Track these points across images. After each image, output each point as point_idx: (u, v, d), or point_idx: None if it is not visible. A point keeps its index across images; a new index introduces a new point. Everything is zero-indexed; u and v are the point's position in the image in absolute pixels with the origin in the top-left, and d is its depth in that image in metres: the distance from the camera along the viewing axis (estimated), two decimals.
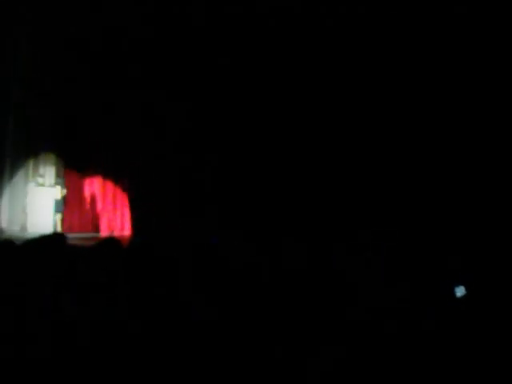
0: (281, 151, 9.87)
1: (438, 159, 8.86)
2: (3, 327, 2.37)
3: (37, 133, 10.03)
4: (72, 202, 10.69)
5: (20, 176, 10.06)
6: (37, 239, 2.90)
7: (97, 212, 10.84)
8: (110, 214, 10.84)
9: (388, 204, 8.92)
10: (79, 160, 10.57)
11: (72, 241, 8.20)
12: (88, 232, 10.41)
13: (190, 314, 2.58)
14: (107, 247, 2.86)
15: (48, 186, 10.37)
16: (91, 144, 10.44)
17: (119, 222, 10.86)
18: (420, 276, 3.48)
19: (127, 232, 10.71)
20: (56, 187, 10.37)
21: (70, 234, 9.77)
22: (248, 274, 3.13)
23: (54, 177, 10.51)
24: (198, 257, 3.29)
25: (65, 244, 3.01)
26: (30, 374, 2.23)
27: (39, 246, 2.84)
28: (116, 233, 10.48)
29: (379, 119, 9.28)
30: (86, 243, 7.95)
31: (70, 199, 10.66)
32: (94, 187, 10.86)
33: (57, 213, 10.35)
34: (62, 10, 9.52)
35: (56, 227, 10.09)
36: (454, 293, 3.05)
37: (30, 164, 10.21)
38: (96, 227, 10.76)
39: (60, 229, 10.22)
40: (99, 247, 2.87)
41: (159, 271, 2.87)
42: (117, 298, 2.61)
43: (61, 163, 10.52)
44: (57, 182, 10.47)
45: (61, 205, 10.41)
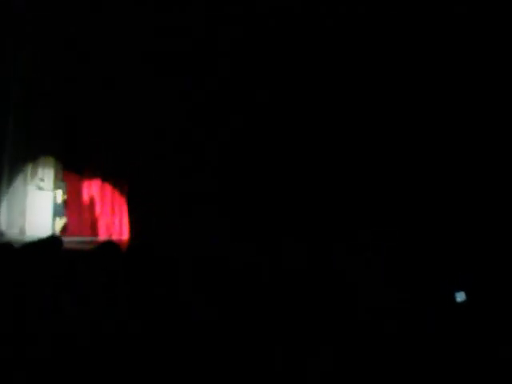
0: (281, 151, 9.87)
1: (438, 159, 8.86)
2: (3, 328, 2.38)
3: (37, 133, 10.01)
4: (71, 206, 10.67)
5: (19, 179, 10.02)
6: (35, 242, 2.95)
7: (95, 216, 10.81)
8: (109, 218, 10.82)
9: (388, 204, 8.91)
10: (79, 161, 10.55)
11: (71, 244, 8.23)
12: (86, 236, 10.39)
13: (190, 314, 2.58)
14: (106, 250, 2.88)
15: (48, 190, 10.34)
16: (91, 144, 10.43)
17: (117, 226, 10.83)
18: (420, 276, 3.48)
19: (125, 236, 10.68)
20: (57, 191, 10.37)
21: (69, 238, 9.79)
22: (248, 274, 3.13)
23: (55, 180, 10.49)
24: (198, 257, 3.29)
25: (61, 247, 3.05)
26: (31, 375, 2.24)
27: (37, 249, 2.88)
28: (114, 237, 10.46)
29: (379, 119, 9.27)
30: (85, 247, 7.97)
31: (69, 203, 10.64)
32: (93, 191, 10.83)
33: (59, 216, 10.35)
34: (62, 10, 9.51)
35: (55, 231, 10.07)
36: (454, 298, 3.05)
37: (30, 167, 10.18)
38: (94, 231, 10.73)
39: (63, 232, 10.25)
40: (98, 250, 2.89)
41: (159, 271, 2.87)
42: (117, 299, 2.61)
43: (60, 165, 10.48)
44: (58, 186, 10.46)
45: (62, 208, 10.41)
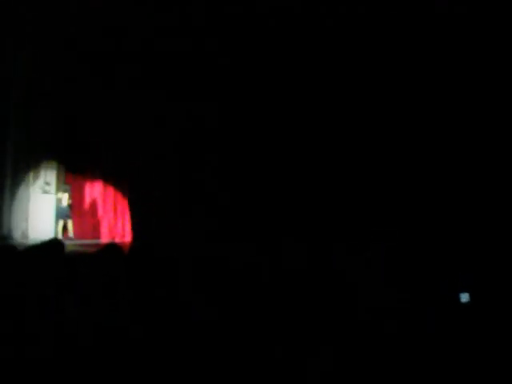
0: (281, 151, 9.87)
1: (438, 159, 8.86)
2: (5, 328, 2.38)
3: (37, 133, 10.00)
4: (75, 209, 10.69)
5: (21, 182, 10.01)
6: (37, 245, 2.97)
7: (98, 218, 10.81)
8: (111, 221, 10.81)
9: (388, 204, 8.92)
10: (80, 161, 10.54)
11: (73, 247, 8.23)
12: (90, 239, 10.40)
13: (191, 315, 2.58)
14: (109, 252, 2.89)
15: (52, 193, 10.34)
16: (91, 144, 10.42)
17: (120, 229, 10.82)
18: (420, 276, 3.48)
19: (128, 238, 10.68)
20: (64, 194, 10.37)
21: (72, 241, 9.80)
22: (248, 274, 3.13)
23: (58, 184, 10.49)
24: (198, 257, 3.29)
25: (63, 250, 3.07)
26: (31, 375, 2.24)
27: (39, 252, 2.89)
28: (117, 239, 10.46)
29: (379, 119, 9.28)
30: (88, 249, 7.97)
31: (74, 206, 10.65)
32: (95, 193, 10.82)
33: (66, 219, 10.35)
34: (62, 10, 9.51)
35: (58, 233, 10.07)
36: (459, 298, 3.06)
37: (35, 170, 10.17)
38: (97, 234, 10.72)
39: (67, 235, 10.27)
40: (101, 252, 2.90)
41: (159, 272, 2.88)
42: (118, 300, 2.61)
43: (62, 168, 10.48)
44: (65, 190, 10.46)
45: (68, 212, 10.42)
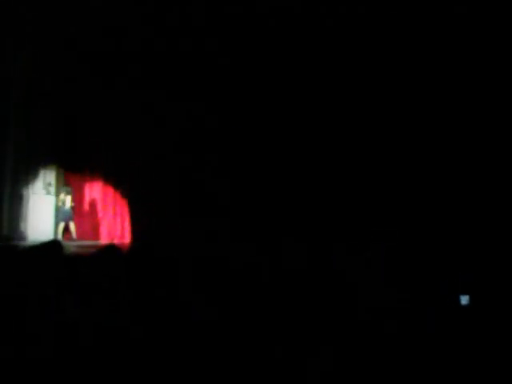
0: (281, 151, 9.87)
1: (438, 159, 8.86)
2: (6, 328, 2.38)
3: (37, 133, 9.98)
4: (77, 211, 10.66)
5: (21, 183, 9.99)
6: (36, 246, 2.97)
7: (97, 219, 10.77)
8: (111, 222, 10.77)
9: (387, 204, 8.92)
10: (79, 161, 10.51)
11: (73, 248, 8.22)
12: (88, 240, 10.37)
13: (191, 315, 2.58)
14: (108, 253, 2.89)
15: (52, 194, 10.31)
16: (91, 144, 10.40)
17: (119, 230, 10.78)
18: (420, 276, 3.48)
19: (127, 240, 10.65)
20: (67, 196, 10.36)
21: (71, 242, 9.78)
22: (248, 274, 3.13)
23: (58, 185, 10.47)
24: (198, 257, 3.29)
25: (62, 251, 3.07)
26: (32, 375, 2.24)
27: (39, 252, 2.89)
28: (116, 240, 10.43)
29: (379, 119, 9.28)
30: (87, 250, 7.96)
31: (75, 207, 10.63)
32: (95, 194, 10.79)
33: (68, 221, 10.34)
34: (62, 10, 9.51)
35: (58, 235, 10.05)
36: (459, 300, 3.06)
37: (35, 171, 10.15)
38: (96, 235, 10.68)
39: (75, 237, 10.25)
40: (100, 253, 2.90)
41: (159, 272, 2.88)
42: (118, 300, 2.61)
43: (62, 169, 10.45)
44: (67, 192, 10.44)
45: (71, 214, 10.41)
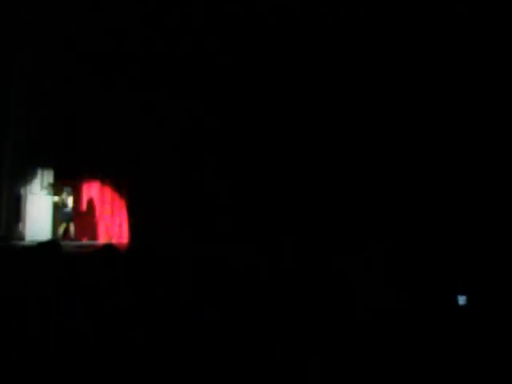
0: (281, 151, 9.87)
1: (438, 159, 8.86)
2: (6, 328, 2.38)
3: (37, 134, 9.96)
4: (76, 211, 10.63)
5: (19, 182, 9.97)
6: (34, 246, 2.97)
7: (95, 219, 10.72)
8: (108, 222, 10.73)
9: (388, 204, 8.92)
10: (79, 161, 10.47)
11: (71, 248, 8.20)
12: (85, 240, 10.34)
13: (191, 315, 2.58)
14: (108, 253, 2.89)
15: (48, 195, 10.27)
16: (91, 144, 10.37)
17: (117, 230, 10.74)
18: (420, 276, 3.48)
19: (125, 239, 10.62)
20: (68, 197, 10.34)
21: (69, 242, 9.76)
22: (248, 274, 3.13)
23: (58, 185, 10.44)
24: (198, 257, 3.29)
25: (60, 251, 3.07)
26: (32, 375, 2.24)
27: (37, 252, 2.90)
28: (114, 240, 10.41)
29: (379, 119, 9.28)
30: (86, 250, 7.95)
31: (74, 208, 10.60)
32: (92, 194, 10.74)
33: (69, 222, 10.34)
34: (62, 10, 9.51)
35: (57, 235, 10.03)
36: (456, 301, 3.06)
37: (34, 171, 10.12)
38: (94, 235, 10.64)
39: (73, 237, 10.23)
40: (100, 253, 2.90)
41: (159, 272, 2.88)
42: (118, 300, 2.61)
43: (60, 168, 10.39)
44: (68, 192, 10.40)
45: (72, 214, 10.40)
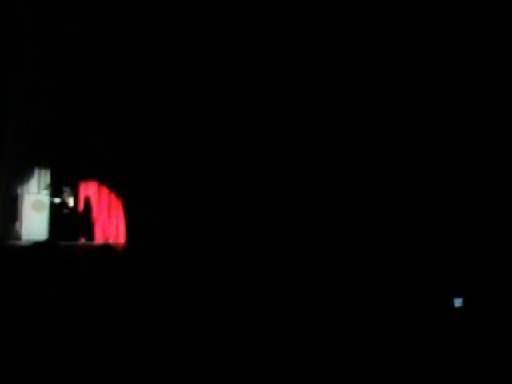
0: (281, 151, 9.88)
1: (438, 159, 8.87)
2: (6, 328, 2.39)
3: (37, 134, 9.95)
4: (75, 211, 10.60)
5: (17, 182, 9.95)
6: (31, 246, 2.97)
7: (91, 220, 10.67)
8: (105, 222, 10.67)
9: (388, 204, 8.92)
10: (79, 161, 10.43)
11: (68, 248, 8.18)
12: (82, 240, 10.30)
13: (191, 315, 2.58)
14: (107, 253, 2.89)
15: (45, 194, 10.21)
16: (91, 144, 10.35)
17: (114, 230, 10.68)
18: (420, 276, 3.48)
19: (121, 240, 10.56)
20: (69, 198, 10.31)
21: (66, 242, 9.71)
22: (248, 274, 3.13)
23: (58, 186, 10.39)
24: (198, 257, 3.29)
25: (58, 251, 3.07)
26: (32, 375, 2.24)
27: (34, 252, 2.90)
28: (111, 240, 10.37)
29: (379, 119, 9.28)
30: (84, 251, 7.92)
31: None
32: (89, 194, 10.68)
33: (69, 222, 10.30)
34: (62, 10, 9.51)
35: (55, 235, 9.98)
36: (453, 303, 3.06)
37: (32, 171, 10.09)
38: (90, 235, 10.58)
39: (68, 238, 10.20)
40: (99, 253, 2.91)
41: (159, 272, 2.88)
42: (118, 300, 2.62)
43: (58, 168, 10.35)
44: (69, 193, 10.37)
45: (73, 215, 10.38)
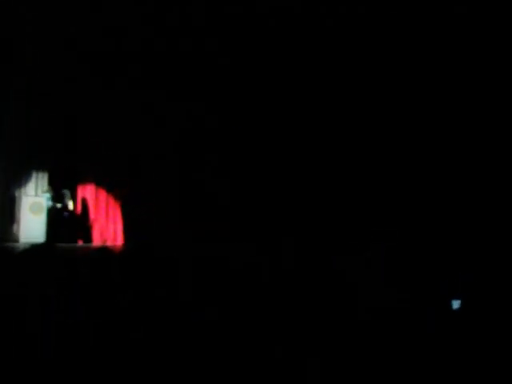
0: (281, 151, 9.88)
1: (438, 159, 8.87)
2: (6, 328, 2.39)
3: (36, 135, 9.94)
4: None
5: (15, 183, 9.93)
6: (29, 248, 2.98)
7: (89, 221, 10.64)
8: (103, 224, 10.63)
9: (388, 204, 8.92)
10: (79, 162, 10.42)
11: (66, 250, 8.15)
12: (80, 242, 10.29)
13: (191, 315, 2.58)
14: (106, 253, 2.90)
15: (42, 197, 10.17)
16: (91, 144, 10.33)
17: (112, 232, 10.66)
18: (420, 276, 3.48)
19: (119, 242, 10.54)
20: (69, 201, 10.28)
21: (64, 244, 9.69)
22: (248, 274, 3.13)
23: (58, 187, 10.37)
24: (198, 257, 3.30)
25: (55, 253, 3.08)
26: (32, 375, 2.24)
27: (32, 254, 2.90)
28: (109, 242, 10.35)
29: (379, 119, 9.28)
30: (82, 252, 7.91)
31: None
32: (87, 196, 10.65)
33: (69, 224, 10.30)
34: (62, 10, 9.51)
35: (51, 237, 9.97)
36: (451, 305, 3.06)
37: (30, 172, 10.07)
38: (88, 237, 10.56)
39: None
40: (98, 253, 2.91)
41: (159, 272, 2.88)
42: (118, 300, 2.62)
43: (57, 170, 10.32)
44: (69, 196, 10.33)
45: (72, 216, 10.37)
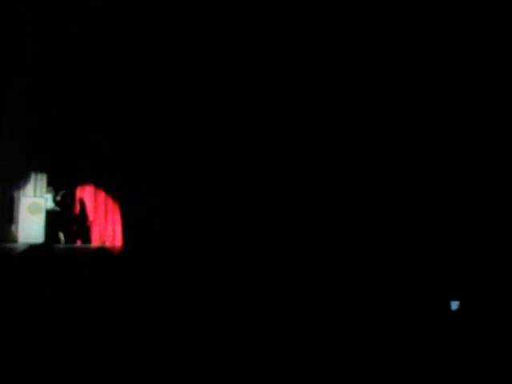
0: (281, 151, 9.88)
1: (438, 159, 8.87)
2: (6, 328, 2.39)
3: (36, 135, 9.93)
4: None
5: (15, 184, 9.93)
6: (28, 249, 2.99)
7: (88, 222, 10.64)
8: (102, 224, 10.63)
9: (387, 204, 8.93)
10: (79, 162, 10.40)
11: (65, 250, 8.14)
12: (79, 243, 10.28)
13: (191, 315, 2.58)
14: (106, 254, 2.90)
15: (41, 197, 10.15)
16: (91, 144, 10.32)
17: (111, 232, 10.65)
18: (420, 276, 3.48)
19: (118, 242, 10.54)
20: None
21: (62, 245, 9.69)
22: (248, 274, 3.14)
23: (56, 187, 10.36)
24: (198, 257, 3.30)
25: (53, 254, 3.08)
26: (32, 375, 2.24)
27: (30, 255, 2.91)
28: (107, 243, 10.35)
29: (379, 119, 9.29)
30: (81, 253, 7.90)
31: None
32: (86, 197, 10.65)
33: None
34: (62, 10, 9.51)
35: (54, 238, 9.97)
36: (449, 306, 3.06)
37: (29, 173, 10.06)
38: (87, 237, 10.56)
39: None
40: (98, 253, 2.91)
41: (159, 272, 2.88)
42: (118, 300, 2.62)
43: (57, 170, 10.29)
44: (65, 196, 10.31)
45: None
